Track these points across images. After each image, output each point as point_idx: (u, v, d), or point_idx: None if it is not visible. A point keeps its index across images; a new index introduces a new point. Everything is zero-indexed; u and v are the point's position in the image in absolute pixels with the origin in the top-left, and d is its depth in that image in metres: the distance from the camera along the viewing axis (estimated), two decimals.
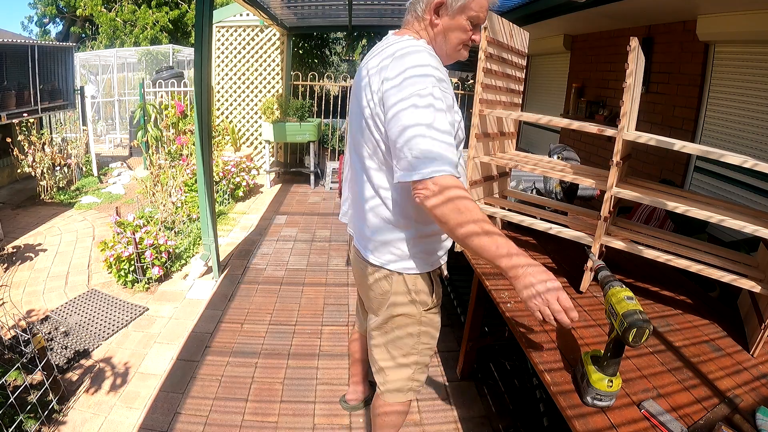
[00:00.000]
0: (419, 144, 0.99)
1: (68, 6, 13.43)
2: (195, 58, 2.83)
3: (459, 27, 1.16)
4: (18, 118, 4.81)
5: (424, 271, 1.27)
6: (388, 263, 1.25)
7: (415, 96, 1.01)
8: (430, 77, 1.04)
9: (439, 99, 1.02)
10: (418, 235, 1.22)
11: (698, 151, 1.35)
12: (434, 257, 1.29)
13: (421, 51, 1.09)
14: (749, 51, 2.78)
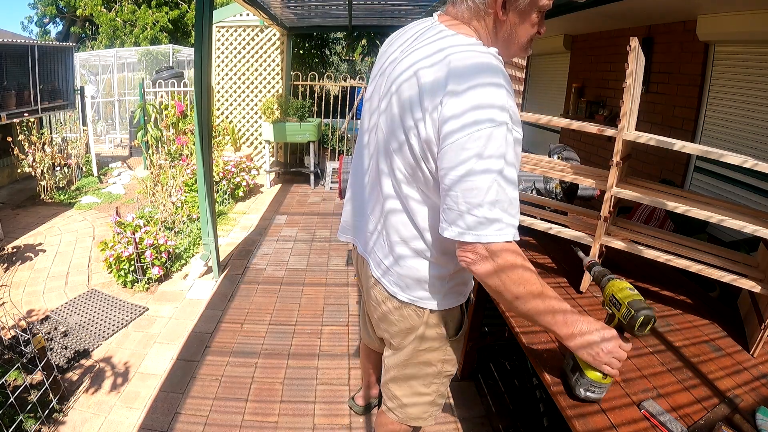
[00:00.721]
0: (477, 197, 0.82)
1: (68, 6, 13.43)
2: (195, 58, 2.83)
3: (529, 21, 0.96)
4: (18, 118, 4.81)
5: (460, 303, 1.18)
6: (419, 300, 1.12)
7: (484, 140, 0.82)
8: (504, 113, 0.83)
9: (510, 144, 0.84)
10: (455, 271, 1.09)
11: (698, 151, 1.35)
12: (468, 287, 1.20)
13: (497, 71, 0.86)
14: (749, 51, 2.78)
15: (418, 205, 1.01)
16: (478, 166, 0.82)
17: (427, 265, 1.08)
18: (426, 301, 1.12)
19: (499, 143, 0.82)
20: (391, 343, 1.26)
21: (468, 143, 0.83)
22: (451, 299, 1.15)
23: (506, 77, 0.88)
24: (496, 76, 0.85)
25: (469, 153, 0.83)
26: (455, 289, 1.14)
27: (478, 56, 0.88)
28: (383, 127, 1.03)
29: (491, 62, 0.88)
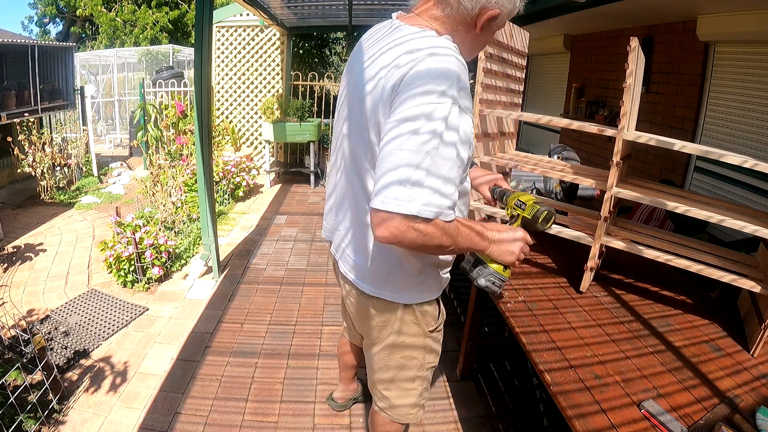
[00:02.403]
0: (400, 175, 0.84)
1: (68, 6, 13.43)
2: (195, 58, 2.83)
3: (489, 36, 1.11)
4: (18, 118, 4.81)
5: (432, 298, 1.22)
6: (390, 295, 1.16)
7: (423, 119, 0.84)
8: (446, 97, 0.85)
9: (451, 130, 0.86)
10: (428, 264, 1.14)
11: (698, 151, 1.35)
12: (443, 280, 1.23)
13: (450, 57, 0.90)
14: (749, 51, 2.78)
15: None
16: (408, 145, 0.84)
17: (395, 262, 1.11)
18: (397, 296, 1.16)
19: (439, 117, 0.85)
20: (370, 338, 1.29)
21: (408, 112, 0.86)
22: (422, 294, 1.19)
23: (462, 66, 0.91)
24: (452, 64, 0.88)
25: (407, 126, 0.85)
26: (425, 284, 1.18)
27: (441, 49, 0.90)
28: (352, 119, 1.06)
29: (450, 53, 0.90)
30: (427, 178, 0.84)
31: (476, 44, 1.07)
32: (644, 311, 1.50)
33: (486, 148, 1.82)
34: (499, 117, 1.84)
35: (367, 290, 1.18)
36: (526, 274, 1.71)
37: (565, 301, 1.53)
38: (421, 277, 1.16)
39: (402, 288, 1.16)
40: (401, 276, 1.14)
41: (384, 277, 1.15)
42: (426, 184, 0.84)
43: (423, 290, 1.19)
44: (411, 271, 1.13)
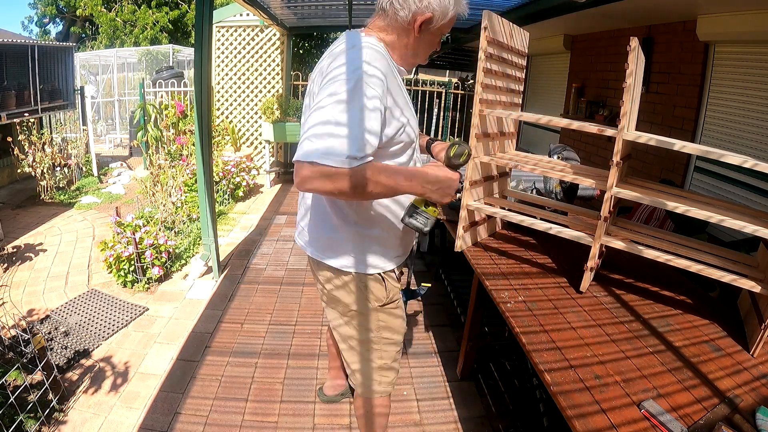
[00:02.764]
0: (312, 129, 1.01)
1: (68, 6, 13.43)
2: (195, 58, 2.83)
3: (434, 41, 1.23)
4: (18, 118, 4.81)
5: (372, 272, 1.31)
6: (342, 266, 1.30)
7: (333, 92, 1.02)
8: (356, 72, 1.04)
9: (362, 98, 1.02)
10: (360, 236, 1.27)
11: (698, 151, 1.35)
12: (383, 261, 1.32)
13: (363, 47, 1.10)
14: (749, 51, 2.78)
15: None
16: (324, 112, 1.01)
17: (336, 230, 1.27)
18: (337, 262, 1.30)
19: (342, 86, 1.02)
20: (329, 308, 1.44)
21: (325, 90, 1.04)
22: (364, 265, 1.30)
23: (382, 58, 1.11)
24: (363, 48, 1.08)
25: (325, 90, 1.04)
26: (365, 257, 1.29)
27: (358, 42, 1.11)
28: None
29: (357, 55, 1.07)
30: (332, 134, 0.99)
31: (421, 46, 1.22)
32: (644, 311, 1.50)
33: (486, 148, 1.82)
34: (499, 117, 1.84)
35: (312, 254, 1.35)
36: (526, 274, 1.71)
37: (565, 301, 1.53)
38: (359, 247, 1.28)
39: (341, 255, 1.29)
40: (339, 242, 1.28)
41: (324, 242, 1.30)
42: (330, 138, 0.99)
43: (362, 262, 1.29)
44: (347, 237, 1.27)
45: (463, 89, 8.09)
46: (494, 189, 2.01)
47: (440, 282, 3.06)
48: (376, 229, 1.28)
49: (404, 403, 2.06)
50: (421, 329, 2.66)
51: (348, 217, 1.26)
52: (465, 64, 9.51)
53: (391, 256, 1.35)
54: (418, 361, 2.36)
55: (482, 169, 1.84)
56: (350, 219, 1.26)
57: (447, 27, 1.21)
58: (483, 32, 1.58)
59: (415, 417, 1.98)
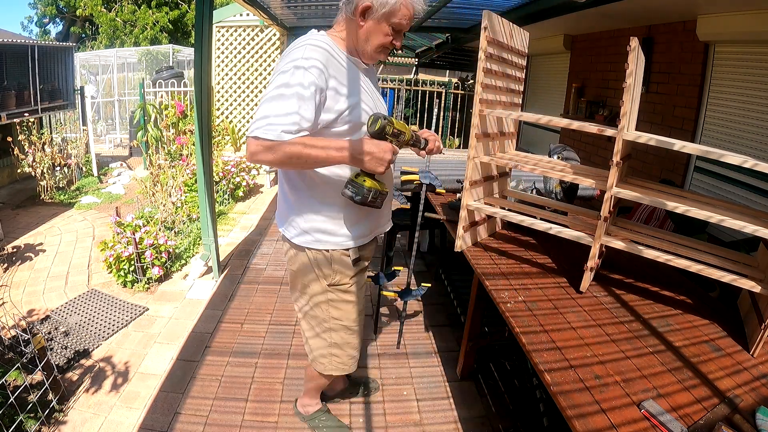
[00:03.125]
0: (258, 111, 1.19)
1: (68, 6, 13.43)
2: (195, 58, 2.83)
3: (381, 31, 1.28)
4: (18, 118, 4.81)
5: (324, 249, 1.41)
6: (293, 237, 1.43)
7: (279, 86, 1.19)
8: (292, 64, 1.19)
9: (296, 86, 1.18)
10: (312, 214, 1.39)
11: (698, 151, 1.35)
12: (335, 238, 1.41)
13: (302, 45, 1.24)
14: (749, 51, 2.78)
15: None
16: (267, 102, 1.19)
17: (293, 207, 1.41)
18: (297, 238, 1.42)
19: (282, 83, 1.18)
20: (290, 281, 1.57)
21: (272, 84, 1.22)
22: (317, 241, 1.41)
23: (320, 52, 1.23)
24: (301, 51, 1.22)
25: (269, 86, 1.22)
26: (318, 234, 1.40)
27: (300, 41, 1.26)
28: None
29: (303, 44, 1.24)
30: (271, 113, 1.16)
31: (370, 38, 1.29)
32: (644, 311, 1.50)
33: (486, 148, 1.82)
34: (499, 117, 1.84)
35: (280, 227, 1.49)
36: (526, 274, 1.71)
37: (565, 301, 1.53)
38: (312, 225, 1.39)
39: (297, 230, 1.42)
40: (295, 219, 1.41)
41: (286, 218, 1.44)
42: (270, 117, 1.16)
43: (315, 239, 1.40)
44: (301, 214, 1.40)
45: (463, 89, 8.09)
46: (494, 189, 2.01)
47: (440, 282, 3.06)
48: (328, 207, 1.38)
49: (404, 403, 2.06)
50: (421, 329, 2.66)
51: (303, 196, 1.38)
52: (465, 64, 9.50)
53: (345, 236, 1.42)
54: (418, 361, 2.36)
55: (482, 169, 1.84)
56: (305, 198, 1.38)
57: (399, 19, 1.27)
58: (483, 32, 1.58)
59: (415, 417, 1.98)
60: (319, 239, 1.41)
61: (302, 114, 1.18)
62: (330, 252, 1.42)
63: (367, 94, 1.36)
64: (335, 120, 1.27)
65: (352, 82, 1.31)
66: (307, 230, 1.40)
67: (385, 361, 2.35)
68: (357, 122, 1.32)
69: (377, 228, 1.53)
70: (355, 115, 1.32)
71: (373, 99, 1.40)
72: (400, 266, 2.53)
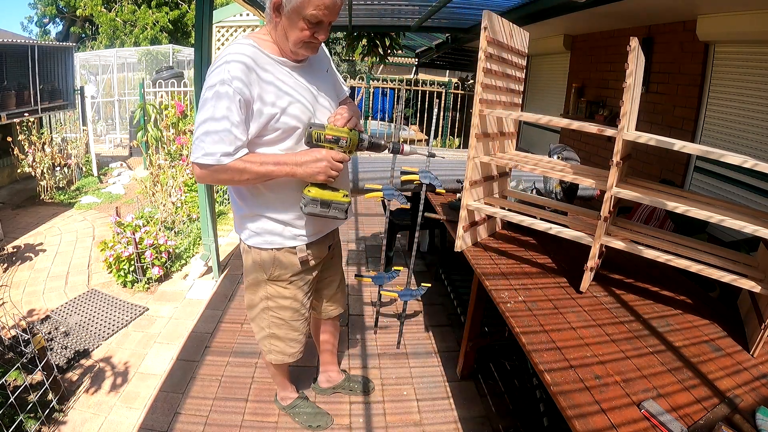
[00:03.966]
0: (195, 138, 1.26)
1: (68, 6, 13.43)
2: (195, 58, 2.83)
3: (296, 26, 1.24)
4: (18, 118, 4.81)
5: (269, 248, 1.47)
6: (245, 239, 1.50)
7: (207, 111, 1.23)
8: (214, 88, 1.22)
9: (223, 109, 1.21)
10: (253, 215, 1.44)
11: (698, 151, 1.35)
12: (280, 238, 1.46)
13: (221, 64, 1.24)
14: (749, 51, 2.78)
15: None
16: (198, 118, 1.25)
17: (238, 208, 1.48)
18: (241, 234, 1.51)
19: (206, 104, 1.23)
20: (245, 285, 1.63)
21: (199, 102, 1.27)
22: (257, 240, 1.47)
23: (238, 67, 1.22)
24: (221, 69, 1.22)
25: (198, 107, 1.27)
26: (261, 234, 1.45)
27: (221, 56, 1.26)
28: None
29: (222, 62, 1.24)
30: (207, 140, 1.22)
31: (287, 32, 1.26)
32: (644, 311, 1.50)
33: (486, 148, 1.82)
34: (499, 117, 1.84)
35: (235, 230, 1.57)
36: (526, 274, 1.71)
37: (565, 301, 1.53)
38: (255, 224, 1.45)
39: (242, 228, 1.49)
40: (240, 218, 1.49)
41: (237, 219, 1.52)
42: (206, 139, 1.22)
43: (257, 236, 1.46)
44: (246, 215, 1.46)
45: (463, 89, 8.09)
46: (494, 189, 2.01)
47: (440, 282, 3.06)
48: (273, 209, 1.43)
49: (404, 403, 2.06)
50: (421, 329, 2.66)
51: (246, 199, 1.44)
52: (465, 64, 9.51)
53: (290, 236, 1.47)
54: (418, 361, 2.36)
55: (482, 169, 1.84)
56: (247, 200, 1.44)
57: (313, 10, 1.21)
58: (483, 32, 1.58)
59: (415, 417, 1.98)
60: (266, 240, 1.46)
61: (236, 134, 1.23)
62: (275, 251, 1.48)
63: (301, 94, 1.34)
64: (265, 127, 1.29)
65: (280, 86, 1.29)
66: (256, 231, 1.46)
67: (385, 361, 2.35)
68: (287, 127, 1.31)
69: (324, 226, 1.55)
70: (285, 121, 1.30)
71: (311, 96, 1.37)
72: (400, 266, 2.53)
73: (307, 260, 1.53)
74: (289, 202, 1.41)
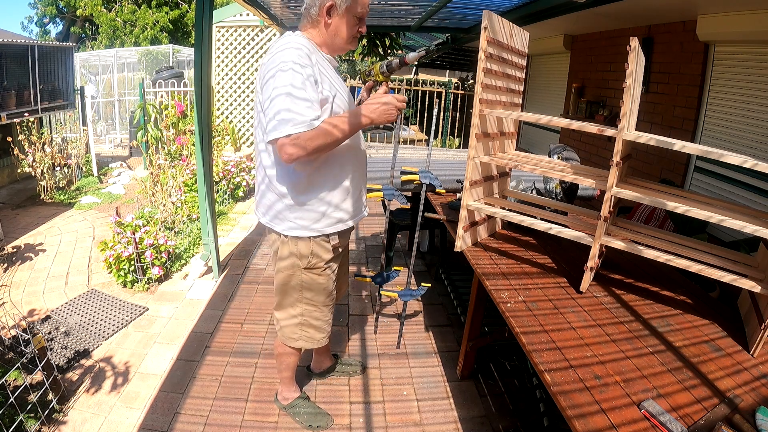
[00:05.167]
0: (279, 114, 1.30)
1: (68, 6, 13.43)
2: (195, 58, 2.83)
3: (348, 23, 1.44)
4: (18, 118, 4.81)
5: (305, 236, 1.54)
6: (273, 223, 1.56)
7: (280, 86, 1.30)
8: (287, 66, 1.31)
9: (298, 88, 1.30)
10: (300, 204, 1.50)
11: (698, 151, 1.35)
12: (316, 225, 1.53)
13: (287, 48, 1.34)
14: (749, 51, 2.78)
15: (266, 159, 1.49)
16: (275, 93, 1.30)
17: (276, 199, 1.51)
18: (276, 226, 1.55)
19: (284, 79, 1.30)
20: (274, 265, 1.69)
21: (270, 84, 1.32)
22: (294, 230, 1.53)
23: (301, 53, 1.34)
24: (287, 54, 1.32)
25: (269, 87, 1.33)
26: (299, 222, 1.52)
27: (282, 44, 1.36)
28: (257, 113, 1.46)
29: (286, 47, 1.35)
30: (290, 110, 1.28)
31: (339, 32, 1.45)
32: (644, 311, 1.50)
33: (486, 148, 1.82)
34: (499, 117, 1.84)
35: (263, 221, 1.60)
36: (526, 274, 1.71)
37: (565, 301, 1.53)
38: (297, 214, 1.51)
39: (282, 220, 1.53)
40: (280, 209, 1.52)
41: (270, 208, 1.54)
42: (291, 114, 1.28)
43: (295, 227, 1.52)
44: (291, 204, 1.50)
45: (463, 89, 8.09)
46: (494, 189, 2.01)
47: (440, 282, 3.06)
48: (323, 190, 1.50)
49: (404, 403, 2.06)
50: (421, 329, 2.66)
51: (298, 186, 1.48)
52: (465, 64, 9.50)
53: (328, 222, 1.55)
54: (418, 361, 2.36)
55: (482, 169, 1.84)
56: (299, 187, 1.48)
57: (361, 8, 1.44)
58: (483, 32, 1.58)
59: (415, 417, 1.98)
60: (308, 227, 1.53)
61: (313, 102, 1.32)
62: (311, 240, 1.55)
63: (342, 88, 1.51)
64: (322, 108, 1.39)
65: (330, 78, 1.45)
66: (298, 221, 1.52)
67: (385, 361, 2.35)
68: (335, 111, 1.44)
69: (356, 215, 1.66)
70: (335, 105, 1.43)
71: (346, 92, 1.54)
72: (400, 266, 2.53)
73: (338, 248, 1.64)
74: (347, 183, 1.54)
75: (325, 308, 1.72)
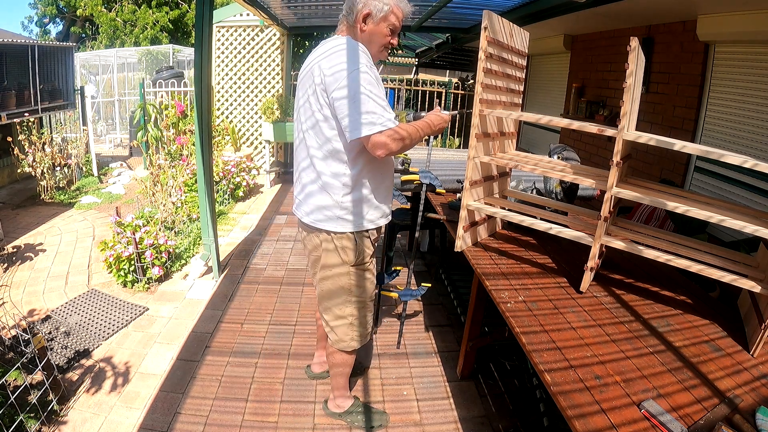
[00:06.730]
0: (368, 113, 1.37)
1: (68, 6, 13.42)
2: (195, 58, 2.83)
3: (381, 33, 1.51)
4: (18, 118, 4.81)
5: (349, 231, 1.57)
6: (318, 222, 1.57)
7: (361, 86, 1.37)
8: (359, 70, 1.38)
9: (376, 88, 1.40)
10: (351, 201, 1.54)
11: (698, 151, 1.35)
12: (360, 221, 1.57)
13: (354, 50, 1.41)
14: (749, 51, 2.78)
15: (318, 160, 1.52)
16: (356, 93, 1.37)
17: (325, 197, 1.54)
18: (322, 223, 1.57)
19: (364, 80, 1.38)
20: (314, 270, 1.71)
21: (343, 82, 1.38)
22: (340, 227, 1.55)
23: (364, 52, 1.44)
24: (354, 51, 1.41)
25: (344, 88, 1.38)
26: (345, 218, 1.55)
27: (341, 45, 1.43)
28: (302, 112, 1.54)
29: (354, 45, 1.42)
30: (374, 111, 1.37)
31: (373, 39, 1.51)
32: (644, 311, 1.50)
33: (486, 148, 1.82)
34: (499, 117, 1.84)
35: (307, 221, 1.60)
36: (526, 274, 1.71)
37: (565, 301, 1.53)
38: (346, 211, 1.54)
39: (330, 218, 1.55)
40: (326, 208, 1.54)
41: (322, 209, 1.55)
42: (375, 114, 1.37)
43: (341, 224, 1.55)
44: (342, 203, 1.53)
45: (463, 89, 8.09)
46: (494, 189, 2.01)
47: (440, 282, 3.06)
48: (371, 188, 1.56)
49: (404, 403, 2.06)
50: (421, 329, 2.66)
51: (350, 185, 1.52)
52: (465, 64, 9.50)
53: (372, 217, 1.60)
54: (418, 361, 2.36)
55: (482, 169, 1.84)
56: (351, 185, 1.52)
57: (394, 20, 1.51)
58: (483, 32, 1.59)
59: (415, 417, 1.98)
60: (351, 222, 1.56)
61: (388, 104, 1.43)
62: (354, 234, 1.59)
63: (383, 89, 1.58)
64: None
65: (378, 80, 1.52)
66: (347, 216, 1.55)
67: (385, 361, 2.35)
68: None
69: (389, 214, 1.71)
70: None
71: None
72: (400, 266, 2.53)
73: (375, 242, 1.69)
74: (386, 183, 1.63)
75: (370, 303, 1.76)
